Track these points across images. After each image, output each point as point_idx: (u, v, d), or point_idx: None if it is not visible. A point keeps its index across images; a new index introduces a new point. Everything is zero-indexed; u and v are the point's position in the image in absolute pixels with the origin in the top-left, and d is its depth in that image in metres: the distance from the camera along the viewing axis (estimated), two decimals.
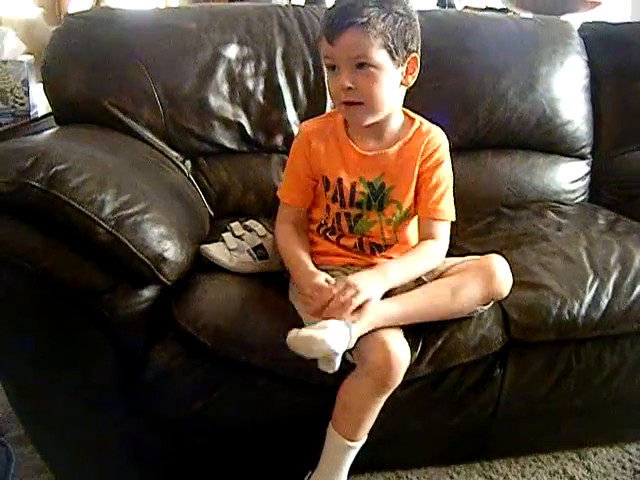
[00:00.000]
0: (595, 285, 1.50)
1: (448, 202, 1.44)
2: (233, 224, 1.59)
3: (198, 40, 1.86)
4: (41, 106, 2.25)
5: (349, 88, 1.32)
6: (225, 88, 1.87)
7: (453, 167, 1.47)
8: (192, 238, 1.47)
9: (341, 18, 1.29)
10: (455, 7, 3.23)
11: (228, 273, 1.49)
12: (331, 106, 1.91)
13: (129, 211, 1.28)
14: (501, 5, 3.13)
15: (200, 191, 1.86)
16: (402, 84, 1.38)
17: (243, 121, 1.88)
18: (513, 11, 3.00)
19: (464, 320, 1.41)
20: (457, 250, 1.47)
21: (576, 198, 2.14)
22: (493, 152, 2.08)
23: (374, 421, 1.34)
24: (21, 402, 1.44)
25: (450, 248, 1.44)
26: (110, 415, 1.39)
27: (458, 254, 1.47)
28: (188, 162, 1.87)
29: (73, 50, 1.81)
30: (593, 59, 2.15)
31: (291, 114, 1.93)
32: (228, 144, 1.89)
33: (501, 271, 1.39)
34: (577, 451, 1.72)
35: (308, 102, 1.94)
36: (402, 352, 1.29)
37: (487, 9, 3.16)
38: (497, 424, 1.56)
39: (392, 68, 1.33)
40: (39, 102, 2.23)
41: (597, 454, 1.72)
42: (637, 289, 1.52)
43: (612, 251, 1.61)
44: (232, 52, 1.88)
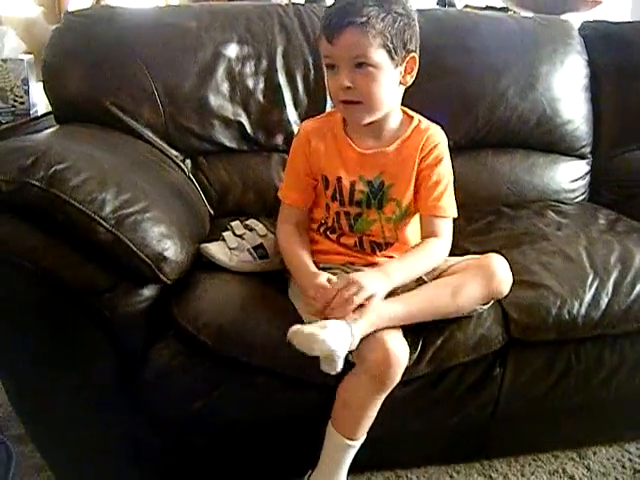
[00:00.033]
0: (595, 284, 1.50)
1: (449, 199, 1.44)
2: (233, 223, 1.59)
3: (198, 39, 1.85)
4: (41, 105, 2.25)
5: (348, 87, 1.32)
6: (225, 87, 1.87)
7: (453, 166, 1.47)
8: (192, 237, 1.47)
9: (340, 17, 1.29)
10: (455, 6, 3.22)
11: (228, 272, 1.49)
12: (331, 105, 1.90)
13: (129, 210, 1.28)
14: (501, 4, 3.13)
15: (200, 190, 1.86)
16: (401, 83, 1.39)
17: (243, 120, 1.88)
18: (513, 10, 2.99)
19: (464, 319, 1.41)
20: (457, 249, 1.47)
21: (576, 197, 2.14)
22: (493, 151, 2.08)
23: (373, 420, 1.34)
24: (21, 401, 1.43)
25: (451, 247, 1.44)
26: (110, 414, 1.39)
27: (458, 253, 1.47)
28: (188, 161, 1.87)
29: (73, 49, 1.81)
30: (593, 58, 2.15)
31: (291, 113, 1.93)
32: (228, 143, 1.89)
33: (501, 270, 1.39)
34: (577, 450, 1.72)
35: (308, 101, 1.94)
36: (401, 350, 1.30)
37: (487, 8, 3.16)
38: (497, 423, 1.56)
39: (391, 68, 1.33)
40: (39, 101, 2.23)
41: (597, 453, 1.72)
42: (637, 288, 1.52)
43: (612, 250, 1.61)
44: (232, 51, 1.88)
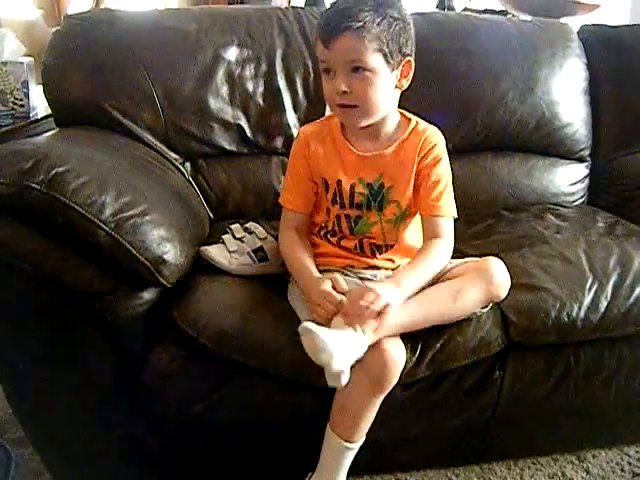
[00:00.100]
0: (594, 288, 1.50)
1: (448, 199, 1.44)
2: (233, 226, 1.59)
3: (198, 42, 1.86)
4: (41, 108, 2.25)
5: (344, 92, 1.33)
6: (225, 90, 1.87)
7: (452, 169, 1.47)
8: (192, 240, 1.47)
9: (336, 22, 1.30)
10: (455, 9, 3.23)
11: (228, 275, 1.49)
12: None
13: (129, 213, 1.28)
14: (500, 7, 3.13)
15: (200, 193, 1.86)
16: (397, 87, 1.39)
17: (243, 123, 1.88)
18: (512, 14, 3.00)
19: (463, 322, 1.41)
20: (457, 252, 1.47)
21: (575, 201, 2.14)
22: (492, 154, 2.08)
23: (373, 423, 1.34)
24: (21, 403, 1.43)
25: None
26: (110, 416, 1.39)
27: (458, 256, 1.47)
28: (188, 164, 1.87)
29: (73, 52, 1.81)
30: (592, 62, 2.15)
31: (291, 116, 1.93)
32: (228, 146, 1.89)
33: (499, 274, 1.40)
34: (576, 453, 1.72)
35: (308, 104, 1.94)
36: (398, 352, 1.30)
37: (486, 11, 3.16)
38: (496, 426, 1.56)
39: (387, 72, 1.34)
40: (39, 104, 2.23)
41: (596, 456, 1.72)
42: (636, 292, 1.51)
43: (611, 254, 1.61)
44: (232, 54, 1.88)
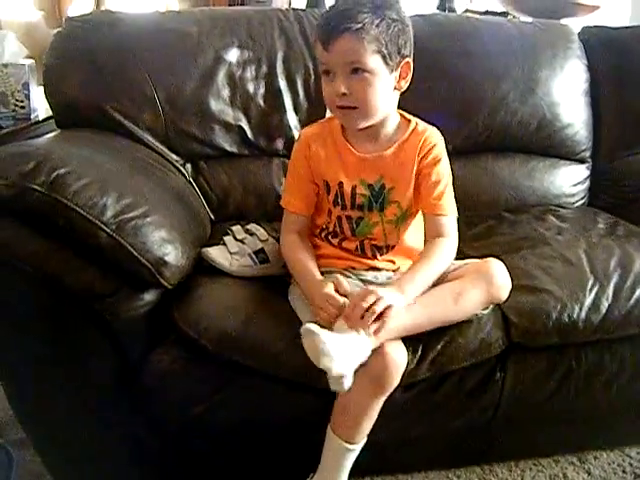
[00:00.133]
0: (595, 289, 1.50)
1: (449, 198, 1.44)
2: (234, 227, 1.59)
3: (199, 44, 1.86)
4: (42, 109, 2.25)
5: (344, 94, 1.33)
6: (226, 92, 1.87)
7: (453, 171, 1.47)
8: (193, 241, 1.47)
9: (336, 24, 1.30)
10: (455, 11, 3.23)
11: (229, 276, 1.49)
12: None
13: (130, 215, 1.28)
14: (501, 9, 3.13)
15: (201, 194, 1.86)
16: (395, 89, 1.40)
17: (244, 124, 1.89)
18: (513, 15, 3.00)
19: (464, 323, 1.41)
20: (458, 254, 1.46)
21: (576, 202, 2.14)
22: (493, 156, 2.08)
23: (374, 424, 1.34)
24: (21, 403, 1.43)
25: None
26: (110, 417, 1.39)
27: (459, 258, 1.47)
28: (188, 166, 1.87)
29: (74, 53, 1.81)
30: (593, 63, 2.15)
31: (291, 118, 1.93)
32: (228, 147, 1.89)
33: (500, 275, 1.40)
34: (577, 455, 1.72)
35: (308, 106, 1.94)
36: (399, 354, 1.30)
37: (487, 13, 3.16)
38: (497, 428, 1.56)
39: (386, 73, 1.34)
40: (40, 105, 2.23)
41: (597, 458, 1.72)
42: (637, 293, 1.51)
43: (612, 255, 1.61)
44: (233, 56, 1.88)
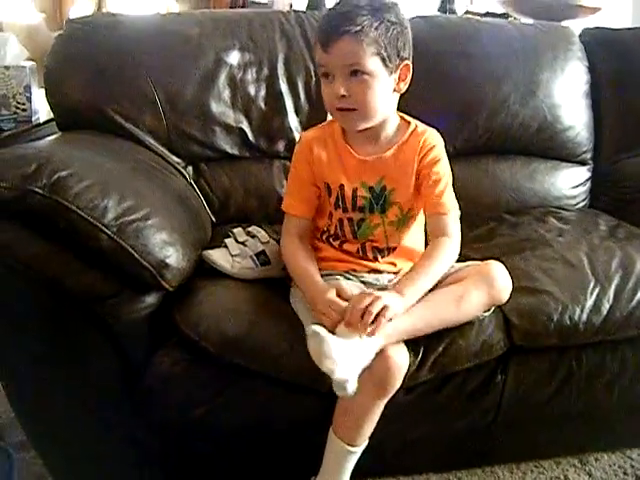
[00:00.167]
0: (596, 291, 1.50)
1: (450, 196, 1.44)
2: (236, 230, 1.59)
3: (200, 46, 1.86)
4: (43, 112, 2.25)
5: (343, 95, 1.34)
6: (227, 94, 1.87)
7: (454, 173, 1.47)
8: (194, 244, 1.47)
9: (335, 27, 1.31)
10: (456, 13, 3.23)
11: (230, 279, 1.49)
12: None
13: (131, 217, 1.28)
14: (502, 11, 3.13)
15: (202, 197, 1.86)
16: (395, 91, 1.40)
17: (245, 127, 1.89)
18: (514, 17, 3.00)
19: (465, 325, 1.41)
20: (459, 256, 1.46)
21: (577, 204, 2.14)
22: (494, 158, 2.08)
23: (376, 426, 1.34)
24: (21, 404, 1.44)
25: None
26: (111, 419, 1.39)
27: (460, 260, 1.47)
28: (190, 168, 1.87)
29: (75, 56, 1.81)
30: (594, 65, 2.15)
31: (292, 120, 1.93)
32: (229, 150, 1.90)
33: (501, 278, 1.40)
34: (579, 457, 1.72)
35: (309, 108, 1.94)
36: (401, 356, 1.30)
37: (488, 14, 3.16)
38: (499, 429, 1.56)
39: (385, 75, 1.35)
40: (41, 108, 2.24)
41: (599, 460, 1.71)
42: (638, 295, 1.52)
43: (613, 257, 1.61)
44: (234, 58, 1.88)
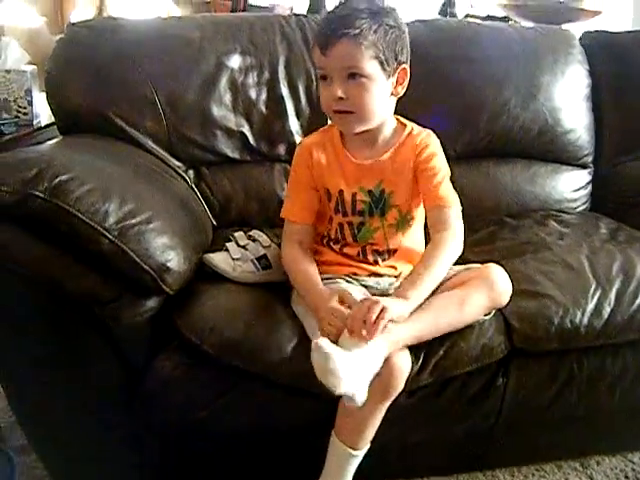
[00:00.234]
0: (597, 294, 1.50)
1: (448, 189, 1.44)
2: (237, 234, 1.59)
3: (201, 50, 1.86)
4: (44, 116, 2.26)
5: (341, 98, 1.34)
6: (228, 97, 1.87)
7: (455, 176, 1.48)
8: (195, 247, 1.47)
9: (334, 29, 1.32)
10: (456, 16, 3.24)
11: (232, 282, 1.49)
12: None
13: (133, 221, 1.28)
14: (502, 14, 3.14)
15: (203, 200, 1.86)
16: (392, 94, 1.41)
17: (246, 130, 1.89)
18: (514, 20, 3.01)
19: (466, 329, 1.40)
20: (460, 258, 1.46)
21: (578, 207, 2.13)
22: (495, 161, 2.08)
23: (377, 430, 1.34)
24: (21, 405, 1.44)
25: None
26: (111, 420, 1.39)
27: (460, 263, 1.47)
28: (191, 171, 1.87)
29: (76, 60, 1.81)
30: (594, 68, 2.15)
31: (293, 124, 1.93)
32: (231, 153, 1.90)
33: (501, 281, 1.40)
34: (580, 460, 1.72)
35: (310, 112, 1.94)
36: (403, 360, 1.30)
37: (488, 18, 3.17)
38: (500, 433, 1.56)
39: (383, 78, 1.36)
40: (42, 112, 2.25)
41: (600, 463, 1.71)
42: (639, 298, 1.51)
43: (614, 260, 1.61)
44: (235, 62, 1.88)
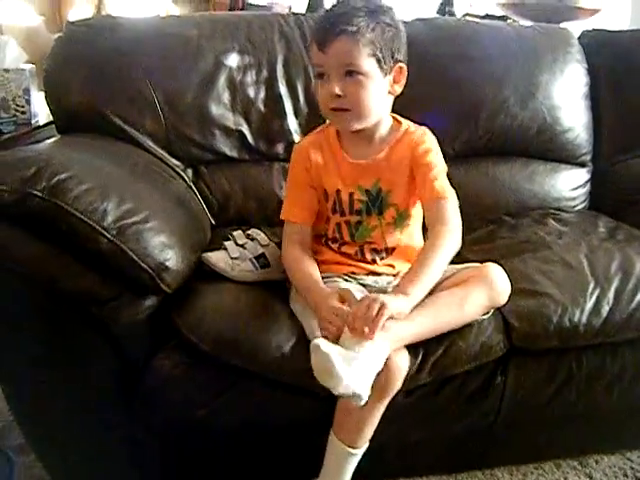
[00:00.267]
0: (596, 293, 1.50)
1: (444, 182, 1.43)
2: (235, 232, 1.59)
3: (199, 48, 1.86)
4: (42, 115, 2.26)
5: (338, 95, 1.35)
6: (226, 96, 1.87)
7: (454, 174, 1.49)
8: (194, 246, 1.47)
9: (332, 27, 1.32)
10: (455, 15, 3.24)
11: (230, 281, 1.49)
12: None
13: (131, 220, 1.28)
14: (501, 13, 3.14)
15: (201, 199, 1.85)
16: (389, 93, 1.41)
17: (244, 129, 1.89)
18: (513, 19, 3.00)
19: (465, 328, 1.40)
20: (458, 258, 1.47)
21: (577, 205, 2.13)
22: (494, 160, 2.08)
23: (376, 428, 1.34)
24: (19, 404, 1.44)
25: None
26: (110, 420, 1.39)
27: (459, 262, 1.47)
28: (189, 170, 1.87)
29: (74, 58, 1.81)
30: (593, 67, 2.15)
31: (292, 122, 1.93)
32: (229, 152, 1.89)
33: (500, 280, 1.40)
34: (579, 459, 1.72)
35: (309, 110, 1.94)
36: (401, 359, 1.30)
37: (487, 17, 3.16)
38: (498, 432, 1.56)
39: (380, 76, 1.36)
40: (40, 110, 2.24)
41: (599, 462, 1.71)
42: (638, 296, 1.51)
43: (613, 259, 1.61)
44: (233, 60, 1.88)
